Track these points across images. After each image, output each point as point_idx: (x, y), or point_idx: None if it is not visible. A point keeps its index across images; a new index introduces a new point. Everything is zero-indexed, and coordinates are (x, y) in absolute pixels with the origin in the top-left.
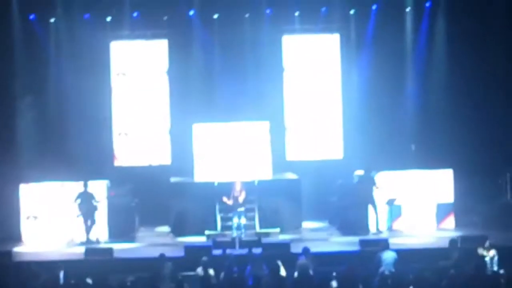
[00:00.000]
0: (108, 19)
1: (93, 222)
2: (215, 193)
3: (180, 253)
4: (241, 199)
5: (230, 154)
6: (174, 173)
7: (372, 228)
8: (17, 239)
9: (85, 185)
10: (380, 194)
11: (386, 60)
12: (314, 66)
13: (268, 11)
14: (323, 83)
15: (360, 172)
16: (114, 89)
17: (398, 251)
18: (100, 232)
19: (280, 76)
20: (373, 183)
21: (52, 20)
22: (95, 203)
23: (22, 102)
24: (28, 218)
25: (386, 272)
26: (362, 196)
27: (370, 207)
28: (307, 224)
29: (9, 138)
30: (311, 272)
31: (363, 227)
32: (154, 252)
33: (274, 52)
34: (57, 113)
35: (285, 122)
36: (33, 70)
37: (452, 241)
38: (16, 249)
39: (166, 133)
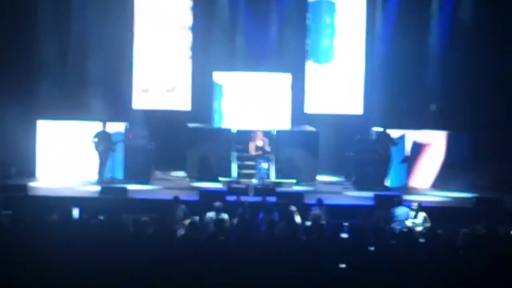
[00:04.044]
0: None
1: (107, 161)
2: (232, 140)
3: (194, 197)
4: (267, 148)
5: (250, 104)
6: (192, 119)
7: (387, 184)
8: (32, 174)
9: (104, 125)
10: (397, 152)
11: (411, 18)
12: (338, 21)
13: None
14: (347, 37)
15: (378, 129)
16: (136, 29)
17: (411, 208)
18: (116, 173)
19: (303, 27)
20: (391, 140)
21: None
22: (112, 144)
23: (43, 40)
24: None
25: (398, 227)
26: (380, 152)
27: (386, 163)
28: (322, 178)
29: (29, 73)
30: (324, 222)
31: (379, 183)
32: (169, 195)
33: (298, 3)
34: (78, 55)
35: (306, 74)
36: (56, 8)
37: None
38: (31, 183)
39: (187, 80)
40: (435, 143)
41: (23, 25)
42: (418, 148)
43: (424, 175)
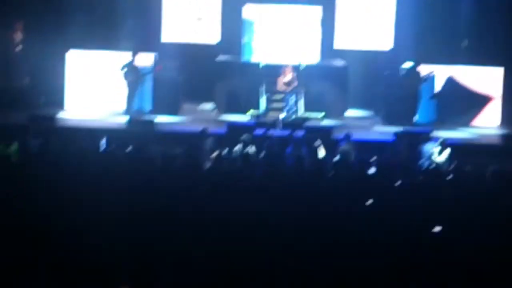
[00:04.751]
0: None
1: (136, 92)
2: (261, 74)
3: (222, 130)
4: (296, 83)
5: (279, 37)
6: (221, 51)
7: (415, 119)
8: (61, 104)
9: (133, 56)
10: (426, 88)
11: None
12: None
13: None
14: None
15: (408, 64)
16: None
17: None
18: (144, 104)
19: None
20: (420, 76)
21: None
22: (140, 75)
23: None
24: None
25: (426, 163)
26: (408, 89)
27: (415, 99)
28: (351, 112)
29: (59, 3)
30: (352, 157)
31: (407, 119)
32: (197, 127)
33: None
34: None
35: (336, 8)
36: None
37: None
38: (59, 114)
39: (216, 10)
40: (467, 79)
41: None
42: (450, 84)
43: (456, 111)
